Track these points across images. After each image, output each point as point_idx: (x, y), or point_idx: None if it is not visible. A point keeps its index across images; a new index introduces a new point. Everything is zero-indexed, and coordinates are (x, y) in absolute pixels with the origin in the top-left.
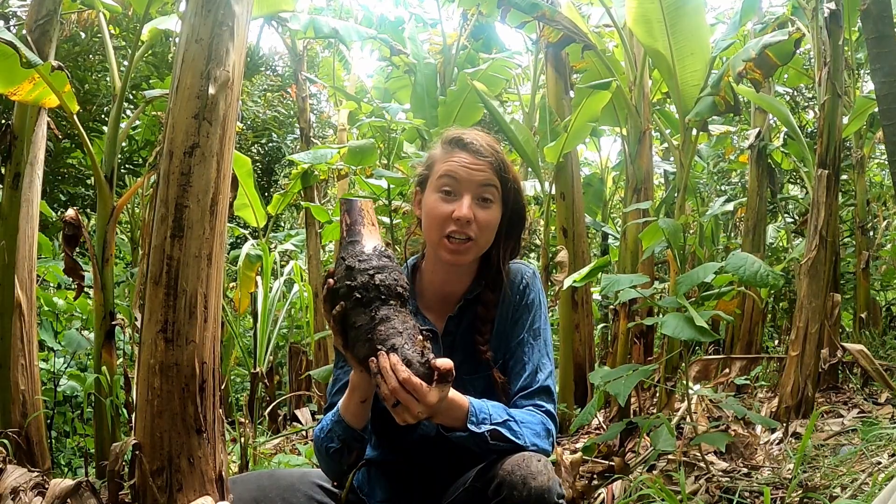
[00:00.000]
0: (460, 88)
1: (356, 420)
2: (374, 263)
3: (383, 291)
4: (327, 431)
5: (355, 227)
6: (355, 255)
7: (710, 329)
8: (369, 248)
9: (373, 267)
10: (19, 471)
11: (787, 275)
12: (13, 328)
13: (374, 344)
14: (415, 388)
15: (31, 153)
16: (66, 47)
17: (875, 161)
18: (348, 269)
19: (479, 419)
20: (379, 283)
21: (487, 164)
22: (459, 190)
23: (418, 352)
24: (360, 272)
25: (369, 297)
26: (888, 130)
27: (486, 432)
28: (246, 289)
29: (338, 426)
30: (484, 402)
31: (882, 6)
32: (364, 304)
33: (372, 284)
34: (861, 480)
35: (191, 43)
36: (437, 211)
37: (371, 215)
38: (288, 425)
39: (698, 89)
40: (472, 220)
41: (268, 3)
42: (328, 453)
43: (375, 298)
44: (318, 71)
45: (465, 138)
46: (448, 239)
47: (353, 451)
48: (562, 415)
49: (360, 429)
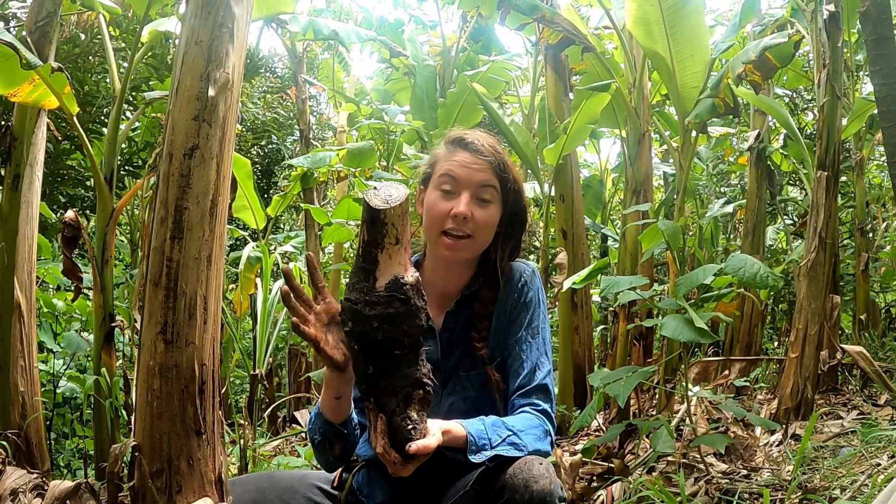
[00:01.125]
0: (460, 90)
1: (333, 415)
2: (380, 311)
3: (386, 344)
4: (311, 424)
5: (373, 249)
6: (364, 291)
7: (709, 331)
8: (383, 283)
9: (379, 316)
10: (18, 472)
11: (787, 276)
12: (12, 329)
13: (367, 393)
14: (389, 461)
15: (31, 154)
16: (66, 49)
17: (874, 163)
18: (353, 311)
19: (479, 446)
20: (382, 338)
21: (487, 163)
22: (458, 188)
23: (406, 418)
24: (365, 319)
25: (369, 348)
26: (887, 132)
27: (486, 461)
28: (246, 290)
29: (318, 419)
30: (482, 426)
31: (881, 8)
32: (363, 350)
33: (374, 339)
34: (860, 482)
35: (191, 45)
36: (436, 208)
37: (399, 228)
38: (287, 427)
39: (698, 91)
40: (469, 217)
41: (268, 5)
42: (314, 445)
43: (377, 350)
44: (317, 73)
45: (467, 138)
46: (445, 235)
47: (335, 445)
48: (561, 416)
49: (338, 423)
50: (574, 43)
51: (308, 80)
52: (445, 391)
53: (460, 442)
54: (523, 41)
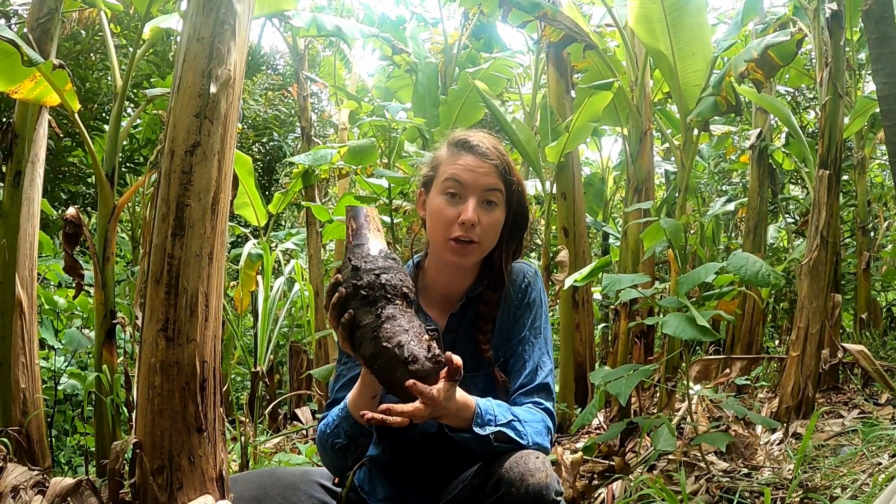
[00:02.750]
0: (461, 88)
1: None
2: (379, 264)
3: (389, 291)
4: (333, 427)
5: (361, 231)
6: (361, 256)
7: (710, 329)
8: (375, 251)
9: (378, 267)
10: (20, 469)
11: (788, 275)
12: (14, 326)
13: (380, 342)
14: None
15: (33, 151)
16: (68, 46)
17: (876, 161)
18: (354, 269)
19: (485, 420)
20: (385, 283)
21: (492, 167)
22: (465, 193)
23: (424, 348)
24: (366, 272)
25: (375, 296)
26: (889, 131)
27: (490, 434)
28: (247, 288)
29: (345, 422)
30: (489, 402)
31: (883, 7)
32: (370, 303)
33: (378, 283)
34: (861, 481)
35: (192, 42)
36: (443, 214)
37: (376, 221)
38: (288, 424)
39: (700, 89)
40: (476, 223)
41: (269, 2)
42: (334, 449)
43: (381, 297)
44: (319, 70)
45: (472, 141)
46: (453, 241)
47: (359, 447)
48: (562, 415)
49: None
50: (576, 41)
51: (309, 78)
52: None
53: (469, 411)
54: (525, 39)
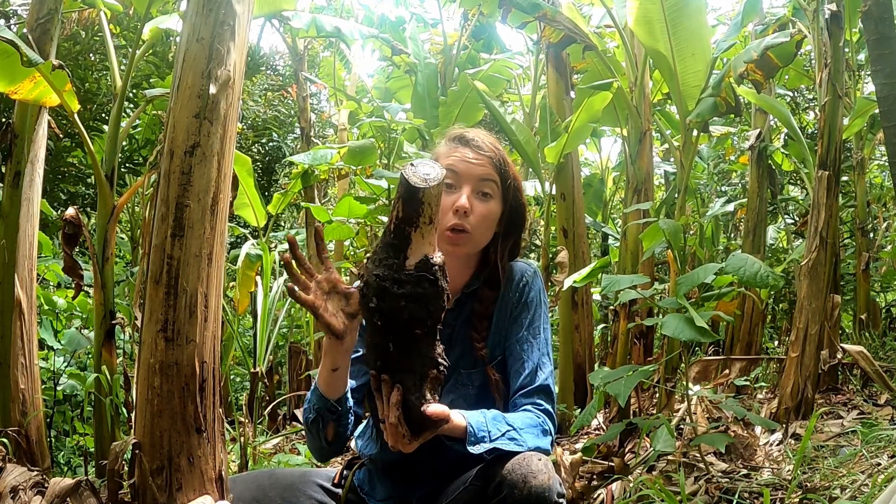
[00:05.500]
0: (461, 88)
1: (329, 389)
2: (409, 290)
3: (410, 324)
4: (307, 403)
5: (406, 227)
6: (394, 269)
7: (710, 330)
8: (413, 262)
9: (407, 295)
10: (19, 469)
11: (787, 276)
12: (13, 327)
13: (384, 370)
14: (399, 434)
15: (32, 152)
16: (67, 46)
17: (875, 162)
18: (381, 288)
19: (478, 437)
20: (407, 317)
21: (487, 159)
22: (459, 182)
23: (421, 396)
24: (392, 297)
25: (393, 326)
26: (889, 132)
27: (484, 454)
28: (246, 288)
29: (313, 395)
30: (482, 418)
31: (883, 8)
32: (384, 330)
33: (399, 317)
34: (861, 482)
35: (192, 42)
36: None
37: (434, 208)
38: (287, 425)
39: (699, 90)
40: (469, 210)
41: (269, 3)
42: (307, 426)
43: (400, 328)
44: (318, 70)
45: (468, 135)
46: (449, 231)
47: (328, 424)
48: (562, 415)
49: (333, 399)
50: (575, 41)
51: (309, 78)
52: (446, 388)
53: (459, 431)
54: (525, 39)
